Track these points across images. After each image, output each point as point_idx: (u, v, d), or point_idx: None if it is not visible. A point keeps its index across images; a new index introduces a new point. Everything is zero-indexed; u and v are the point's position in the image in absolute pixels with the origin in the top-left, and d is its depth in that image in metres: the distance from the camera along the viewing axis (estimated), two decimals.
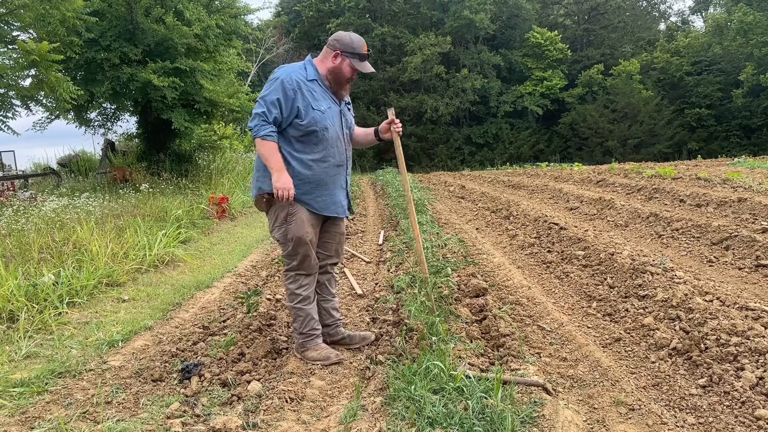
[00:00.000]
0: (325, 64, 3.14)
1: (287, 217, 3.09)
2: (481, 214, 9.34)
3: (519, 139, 32.47)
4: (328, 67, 3.13)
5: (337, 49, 3.10)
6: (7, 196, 9.50)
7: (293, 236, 3.09)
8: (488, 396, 2.48)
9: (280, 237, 3.15)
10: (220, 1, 12.48)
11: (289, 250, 3.15)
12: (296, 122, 3.04)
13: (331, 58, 3.11)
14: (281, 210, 3.10)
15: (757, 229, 5.44)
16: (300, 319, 3.22)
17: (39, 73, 8.24)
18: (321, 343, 3.28)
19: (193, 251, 6.72)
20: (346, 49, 3.09)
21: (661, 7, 40.82)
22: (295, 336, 3.27)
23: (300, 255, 3.15)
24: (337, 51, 3.09)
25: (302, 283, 3.21)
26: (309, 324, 3.23)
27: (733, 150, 27.01)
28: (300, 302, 3.21)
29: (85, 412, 2.65)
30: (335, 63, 3.11)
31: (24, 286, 4.36)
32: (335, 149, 3.16)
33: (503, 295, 4.45)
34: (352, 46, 3.09)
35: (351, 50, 3.09)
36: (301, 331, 3.23)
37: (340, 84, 3.17)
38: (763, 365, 2.76)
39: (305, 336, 3.23)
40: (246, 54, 21.22)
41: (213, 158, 14.70)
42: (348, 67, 3.12)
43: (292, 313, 3.28)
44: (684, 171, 11.19)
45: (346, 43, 3.09)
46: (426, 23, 33.32)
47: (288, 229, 3.10)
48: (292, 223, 3.09)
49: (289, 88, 2.99)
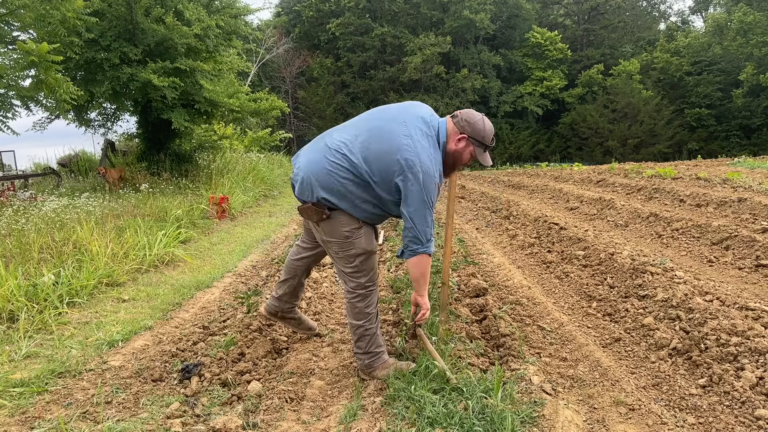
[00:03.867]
0: (449, 144, 2.83)
1: (352, 230, 2.82)
2: (481, 214, 9.34)
3: (519, 139, 32.48)
4: (451, 150, 2.84)
5: (465, 132, 2.81)
6: (7, 196, 9.49)
7: (363, 250, 2.86)
8: (488, 396, 2.48)
9: (342, 253, 2.88)
10: (220, 1, 12.47)
11: (357, 265, 2.88)
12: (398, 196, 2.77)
13: (456, 141, 2.82)
14: (344, 225, 2.81)
15: (757, 229, 5.44)
16: (367, 338, 2.95)
17: (39, 74, 8.23)
18: (387, 358, 3.02)
19: (193, 251, 6.72)
20: (476, 136, 2.81)
21: (661, 7, 40.84)
22: (360, 356, 2.98)
23: (367, 269, 2.92)
24: (465, 135, 2.81)
25: (371, 300, 2.96)
26: (375, 341, 2.98)
27: (733, 150, 27.03)
28: (369, 321, 2.94)
29: (85, 412, 2.65)
30: (459, 147, 2.83)
31: (24, 286, 4.36)
32: None
33: (503, 295, 4.45)
34: (483, 135, 2.82)
35: (480, 139, 2.82)
36: (367, 350, 2.96)
37: (453, 168, 2.92)
38: (763, 365, 2.76)
39: (372, 355, 2.96)
40: (246, 54, 21.22)
41: (213, 158, 14.69)
42: (469, 154, 2.86)
43: (356, 333, 2.97)
44: (684, 171, 11.19)
45: (477, 131, 2.81)
46: (426, 23, 33.32)
47: (354, 243, 2.84)
48: (360, 237, 2.84)
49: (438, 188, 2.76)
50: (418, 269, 2.83)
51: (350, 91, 33.42)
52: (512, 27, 34.91)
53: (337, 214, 2.80)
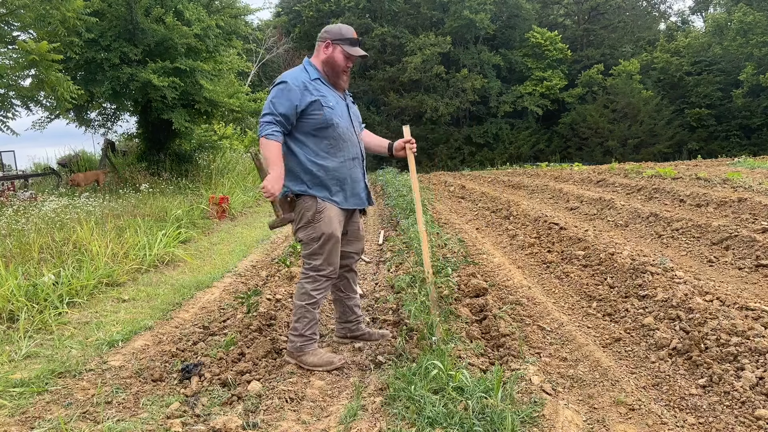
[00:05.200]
0: (319, 57, 3.17)
1: (315, 215, 3.06)
2: (481, 214, 9.35)
3: (519, 139, 32.45)
4: (322, 59, 3.16)
5: (326, 39, 3.13)
6: (7, 196, 9.49)
7: (322, 233, 3.05)
8: (488, 396, 2.48)
9: (305, 236, 3.10)
10: (220, 1, 12.49)
11: (315, 248, 3.09)
12: (307, 121, 3.04)
13: (323, 50, 3.15)
14: (308, 209, 3.06)
15: (757, 229, 5.44)
16: (305, 321, 3.13)
17: (39, 73, 8.24)
18: (319, 349, 3.22)
19: (193, 251, 6.72)
20: (336, 37, 3.12)
21: (661, 7, 40.79)
22: (294, 337, 3.14)
23: (325, 253, 3.09)
24: (327, 41, 3.13)
25: (320, 285, 3.14)
26: (312, 327, 3.15)
27: (733, 150, 27.01)
28: (311, 304, 3.13)
29: (85, 412, 2.65)
30: (327, 53, 3.14)
31: (24, 286, 4.36)
32: (349, 143, 3.16)
33: (503, 295, 4.45)
34: (340, 33, 3.13)
35: (341, 37, 3.12)
36: (302, 332, 3.13)
37: (337, 74, 3.18)
38: (763, 365, 2.76)
39: (306, 339, 3.14)
40: (246, 54, 21.22)
41: (213, 158, 14.70)
42: (341, 54, 3.14)
43: (296, 313, 3.15)
44: (684, 171, 11.19)
45: (335, 32, 3.14)
46: (426, 23, 33.31)
47: (316, 227, 3.06)
48: (321, 220, 3.05)
49: (295, 88, 3.01)
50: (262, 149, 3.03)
51: (350, 91, 33.36)
52: (512, 27, 34.89)
53: (299, 200, 3.09)
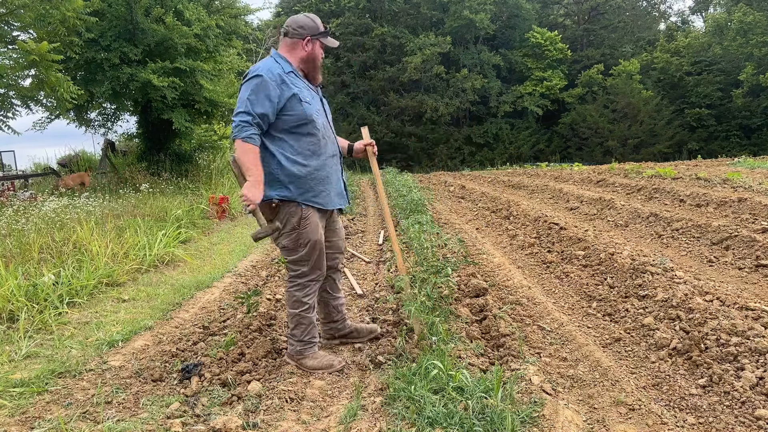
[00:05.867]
0: (297, 54, 3.05)
1: (300, 221, 2.96)
2: (481, 214, 9.34)
3: (519, 139, 32.44)
4: (302, 57, 3.05)
5: (305, 35, 3.02)
6: (7, 196, 9.49)
7: (308, 240, 2.99)
8: (488, 396, 2.48)
9: (290, 243, 3.01)
10: (220, 1, 12.49)
11: (301, 255, 3.03)
12: (285, 118, 2.91)
13: (303, 47, 3.04)
14: (292, 215, 2.96)
15: (757, 229, 5.44)
16: (302, 327, 3.12)
17: (39, 73, 8.25)
18: (319, 351, 3.21)
19: (193, 251, 6.72)
20: (314, 32, 3.04)
21: (661, 7, 40.78)
22: (293, 342, 3.15)
23: (312, 260, 3.05)
24: (306, 37, 3.03)
25: (310, 291, 3.12)
26: (310, 332, 3.15)
27: (733, 150, 27.02)
28: (305, 310, 3.11)
29: (85, 412, 2.65)
30: (308, 50, 3.05)
31: (24, 286, 4.36)
32: (327, 140, 3.09)
33: (503, 295, 4.45)
34: (317, 27, 3.05)
35: (318, 31, 3.05)
36: (301, 338, 3.13)
37: (316, 68, 3.12)
38: (763, 365, 2.76)
39: (305, 344, 3.14)
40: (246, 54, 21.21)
41: (213, 158, 14.70)
42: (320, 48, 3.09)
43: (293, 321, 3.14)
44: (684, 171, 11.19)
45: (312, 27, 3.04)
46: (426, 23, 33.31)
47: (301, 234, 2.98)
48: (307, 227, 2.98)
49: (272, 82, 2.85)
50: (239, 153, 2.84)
51: (350, 91, 33.39)
52: (512, 27, 34.88)
53: (283, 207, 2.96)
